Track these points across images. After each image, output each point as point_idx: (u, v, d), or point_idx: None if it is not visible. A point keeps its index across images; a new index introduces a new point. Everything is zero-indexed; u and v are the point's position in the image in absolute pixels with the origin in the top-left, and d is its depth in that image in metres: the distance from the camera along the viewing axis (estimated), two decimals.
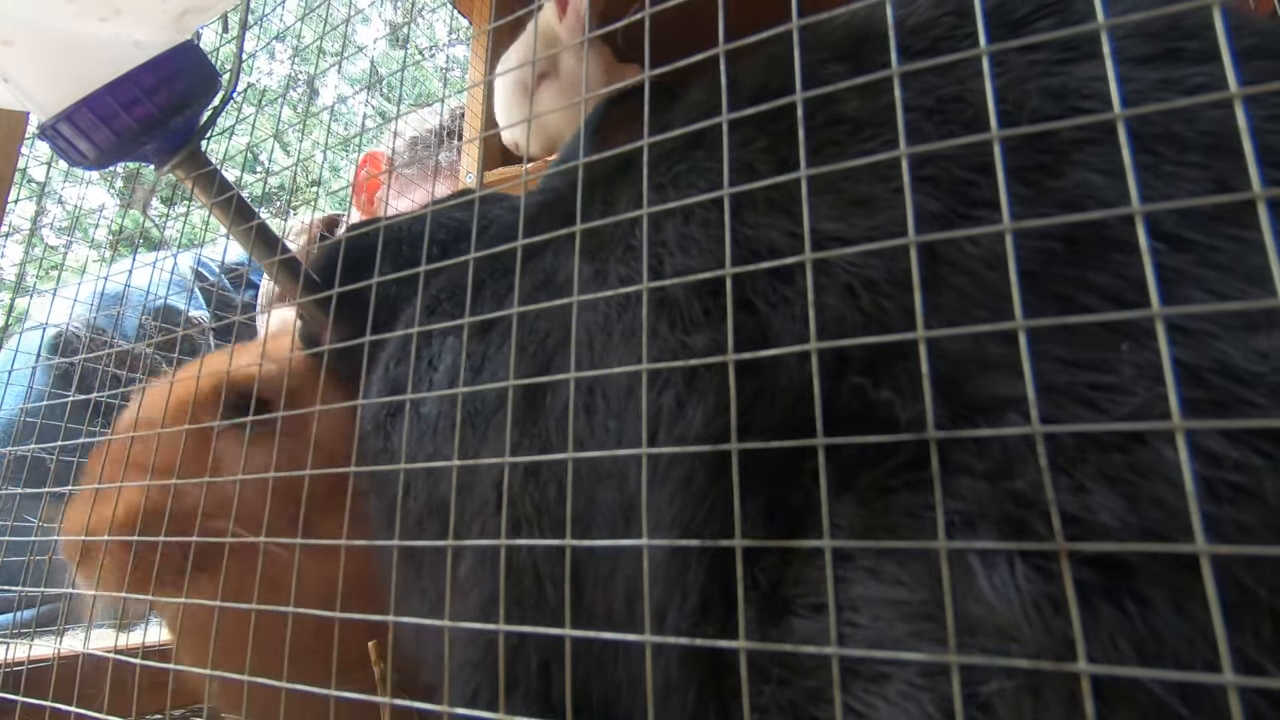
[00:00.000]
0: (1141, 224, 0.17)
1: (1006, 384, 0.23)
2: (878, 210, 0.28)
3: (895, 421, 0.25)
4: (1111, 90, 0.18)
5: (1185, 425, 0.17)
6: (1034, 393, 0.18)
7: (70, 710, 0.42)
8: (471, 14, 1.06)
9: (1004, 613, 0.21)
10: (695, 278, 0.30)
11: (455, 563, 0.37)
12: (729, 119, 0.25)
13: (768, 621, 0.26)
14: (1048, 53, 0.27)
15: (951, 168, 0.27)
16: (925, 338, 0.20)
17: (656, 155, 0.33)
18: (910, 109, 0.27)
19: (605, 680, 0.31)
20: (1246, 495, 0.19)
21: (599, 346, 0.33)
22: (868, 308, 0.26)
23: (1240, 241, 0.22)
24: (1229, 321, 0.21)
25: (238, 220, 0.50)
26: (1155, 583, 0.20)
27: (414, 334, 0.39)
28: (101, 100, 0.44)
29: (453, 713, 0.27)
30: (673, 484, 0.29)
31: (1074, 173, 0.25)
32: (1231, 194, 0.23)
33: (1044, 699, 0.20)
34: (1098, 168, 0.24)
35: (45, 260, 0.72)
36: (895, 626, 0.23)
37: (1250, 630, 0.18)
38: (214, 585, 0.40)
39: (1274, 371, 0.20)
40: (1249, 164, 0.16)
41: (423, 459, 0.40)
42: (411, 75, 1.73)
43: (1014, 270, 0.19)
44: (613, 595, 0.31)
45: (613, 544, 0.29)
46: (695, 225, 0.32)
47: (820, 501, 0.22)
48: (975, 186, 0.26)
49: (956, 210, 0.26)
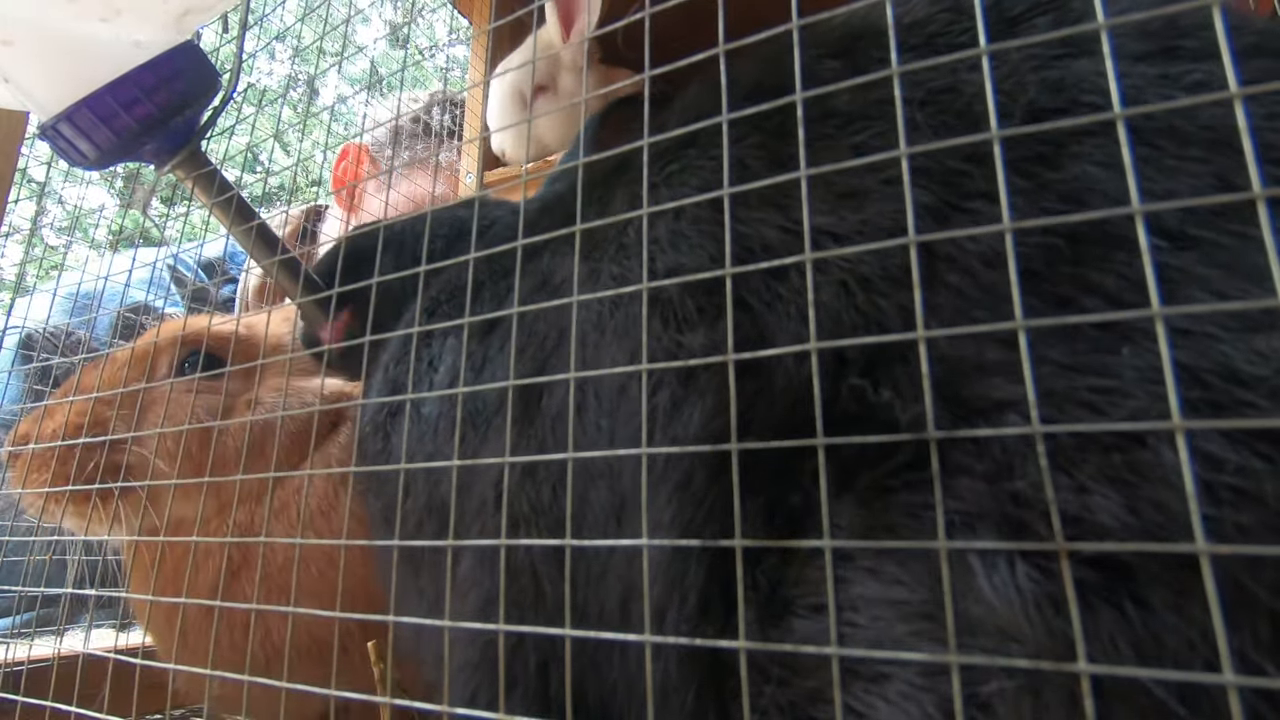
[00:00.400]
0: (1141, 224, 0.17)
1: (1005, 387, 0.23)
2: (868, 203, 0.28)
3: (895, 423, 0.25)
4: (1111, 86, 0.18)
5: (1185, 425, 0.17)
6: (1034, 394, 0.18)
7: (70, 710, 0.42)
8: (471, 14, 1.06)
9: (1004, 613, 0.21)
10: (694, 278, 0.30)
11: (454, 563, 0.36)
12: (729, 118, 0.25)
13: (768, 622, 0.26)
14: (1044, 47, 0.27)
15: (944, 159, 0.26)
16: (925, 338, 0.20)
17: (650, 155, 0.33)
18: (903, 103, 0.27)
19: (600, 680, 0.31)
20: (1246, 498, 0.19)
21: (591, 344, 0.33)
22: (864, 306, 0.26)
23: (1243, 238, 0.22)
24: (1230, 323, 0.21)
25: (238, 220, 0.50)
26: (1154, 583, 0.20)
27: (414, 334, 0.39)
28: (102, 100, 0.44)
29: (453, 713, 0.27)
30: (671, 485, 0.29)
31: (1073, 165, 0.25)
32: (1233, 192, 0.23)
33: (1044, 699, 0.20)
34: (1097, 160, 0.24)
35: (45, 260, 0.72)
36: (895, 626, 0.23)
37: (1249, 630, 0.18)
38: (128, 513, 0.49)
39: (1275, 374, 0.20)
40: (1249, 163, 0.16)
41: (422, 459, 0.40)
42: (411, 75, 1.74)
43: (1014, 270, 0.19)
44: (605, 595, 0.31)
45: (613, 544, 0.28)
46: (686, 222, 0.32)
47: (820, 501, 0.22)
48: (968, 177, 0.26)
49: (950, 202, 0.26)
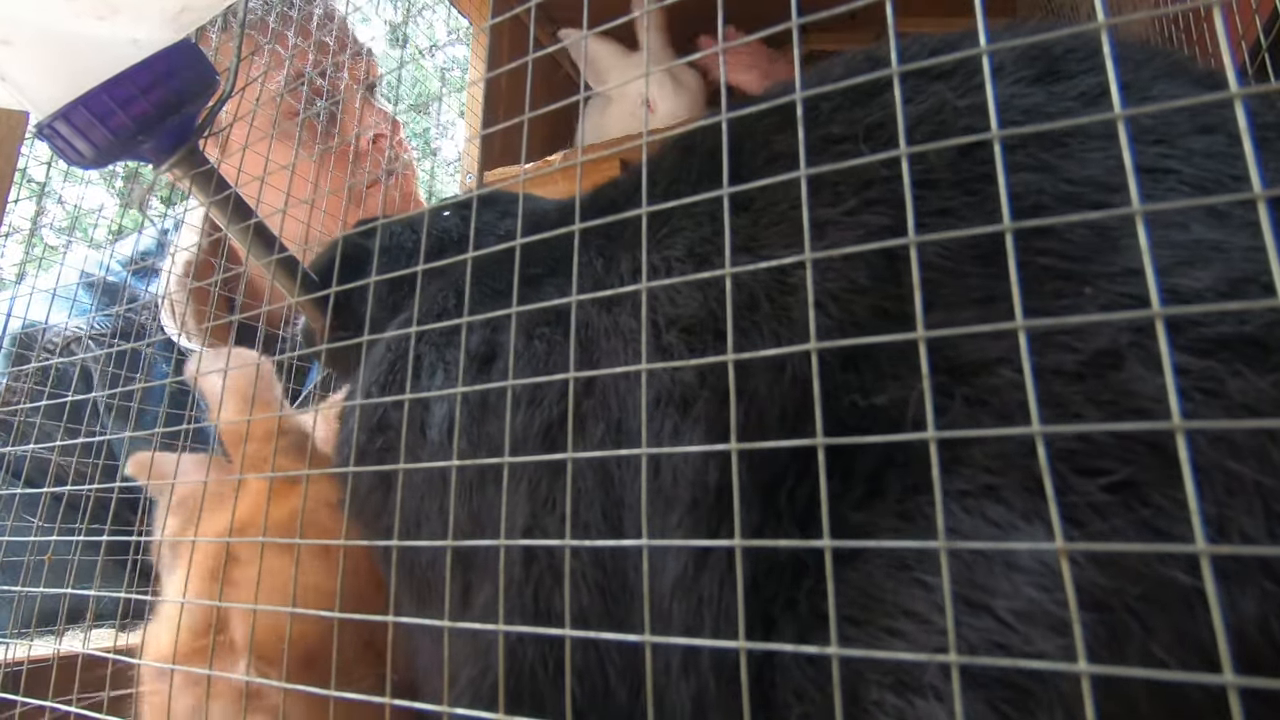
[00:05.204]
0: (1142, 225, 0.17)
1: (992, 344, 0.25)
2: (828, 233, 0.30)
3: (899, 421, 0.26)
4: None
5: (1185, 425, 0.17)
6: (1034, 395, 0.18)
7: (70, 710, 0.42)
8: (470, 12, 1.06)
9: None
10: (694, 277, 0.32)
11: (471, 595, 0.36)
12: (728, 118, 0.25)
13: (807, 641, 0.27)
14: (957, 80, 0.30)
15: (897, 186, 0.29)
16: (925, 338, 0.20)
17: (635, 234, 0.37)
18: (845, 139, 0.31)
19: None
20: (1211, 395, 0.22)
21: (623, 390, 0.34)
22: (836, 314, 0.29)
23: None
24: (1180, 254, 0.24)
25: (235, 219, 0.50)
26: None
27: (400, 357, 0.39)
28: (98, 99, 0.44)
29: (453, 713, 0.27)
30: (681, 507, 0.30)
31: (1011, 174, 0.27)
32: (1226, 192, 0.24)
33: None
34: (1030, 167, 0.27)
35: (45, 260, 0.72)
36: (933, 638, 0.24)
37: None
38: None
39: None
40: (1249, 163, 0.16)
41: (434, 512, 0.38)
42: (411, 75, 1.73)
43: (1014, 270, 0.19)
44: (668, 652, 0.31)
45: (613, 544, 0.28)
46: (676, 277, 0.35)
47: (855, 524, 0.23)
48: (921, 200, 0.29)
49: (905, 222, 0.28)
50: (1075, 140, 0.28)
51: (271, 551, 0.40)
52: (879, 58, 0.34)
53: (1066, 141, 0.28)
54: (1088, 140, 0.27)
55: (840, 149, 0.31)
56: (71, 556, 0.51)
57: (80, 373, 0.83)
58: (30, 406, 0.59)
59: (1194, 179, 0.26)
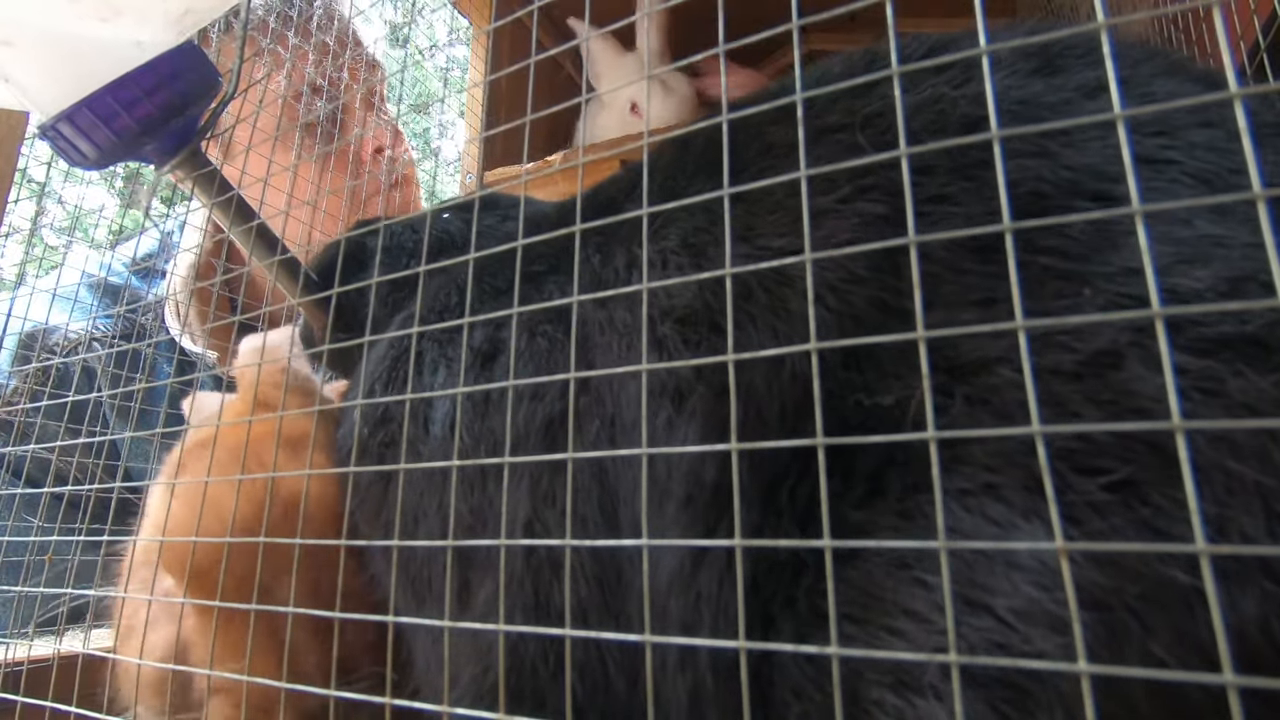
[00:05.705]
0: (1141, 225, 0.17)
1: (993, 342, 0.25)
2: (824, 221, 0.30)
3: (899, 421, 0.26)
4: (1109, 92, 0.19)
5: (1185, 425, 0.17)
6: (1034, 395, 0.18)
7: (70, 710, 0.42)
8: (471, 14, 1.06)
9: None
10: (695, 278, 0.32)
11: (471, 592, 0.36)
12: (728, 118, 0.25)
13: (806, 639, 0.27)
14: (954, 71, 0.31)
15: (892, 175, 0.29)
16: (925, 338, 0.20)
17: (632, 228, 0.37)
18: (842, 128, 0.31)
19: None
20: (1211, 395, 0.22)
21: (616, 385, 0.34)
22: (834, 306, 0.29)
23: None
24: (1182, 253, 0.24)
25: (238, 220, 0.50)
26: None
27: (402, 354, 0.39)
28: (102, 100, 0.44)
29: (453, 713, 0.27)
30: (676, 502, 0.30)
31: (1010, 160, 0.27)
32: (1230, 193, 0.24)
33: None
34: (1029, 153, 0.28)
35: (45, 260, 0.72)
36: (934, 638, 0.24)
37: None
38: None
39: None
40: (1249, 163, 0.17)
41: (433, 509, 0.38)
42: (411, 75, 1.73)
43: (1014, 270, 0.19)
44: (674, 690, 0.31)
45: (614, 544, 0.28)
46: (671, 270, 0.35)
47: (855, 523, 0.23)
48: (918, 185, 0.28)
49: (902, 210, 0.27)
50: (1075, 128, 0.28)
51: (202, 466, 0.42)
52: (878, 54, 0.34)
53: (1066, 129, 0.28)
54: (1087, 128, 0.27)
55: (837, 138, 0.31)
56: (71, 557, 0.51)
57: (84, 374, 0.83)
58: (32, 406, 0.59)
59: (1195, 171, 0.26)
